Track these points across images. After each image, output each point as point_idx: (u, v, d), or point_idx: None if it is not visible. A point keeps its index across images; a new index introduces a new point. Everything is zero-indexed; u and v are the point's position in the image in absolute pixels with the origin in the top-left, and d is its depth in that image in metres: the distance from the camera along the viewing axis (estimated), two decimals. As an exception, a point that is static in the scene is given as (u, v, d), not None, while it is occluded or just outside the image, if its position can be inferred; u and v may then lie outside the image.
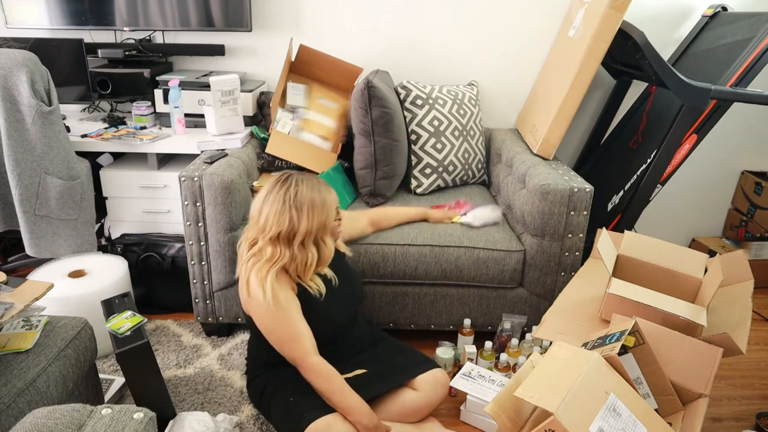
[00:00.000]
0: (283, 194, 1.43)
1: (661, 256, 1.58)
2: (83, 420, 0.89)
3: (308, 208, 1.43)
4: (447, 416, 1.71)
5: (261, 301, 1.42)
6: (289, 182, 1.45)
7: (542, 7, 2.40)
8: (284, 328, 1.45)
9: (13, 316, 1.22)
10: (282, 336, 1.46)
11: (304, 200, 1.43)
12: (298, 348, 1.44)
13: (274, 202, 1.43)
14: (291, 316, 1.45)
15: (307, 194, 1.43)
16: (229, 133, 2.18)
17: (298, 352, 1.44)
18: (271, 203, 1.43)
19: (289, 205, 1.42)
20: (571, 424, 0.98)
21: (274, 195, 1.43)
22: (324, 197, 1.46)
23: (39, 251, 1.86)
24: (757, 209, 2.60)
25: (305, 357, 1.44)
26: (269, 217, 1.42)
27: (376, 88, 1.94)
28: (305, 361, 1.44)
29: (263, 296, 1.41)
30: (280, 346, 1.47)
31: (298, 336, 1.44)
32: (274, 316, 1.44)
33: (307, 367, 1.44)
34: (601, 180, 2.35)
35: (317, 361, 1.44)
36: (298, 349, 1.44)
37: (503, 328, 1.89)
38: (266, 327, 1.47)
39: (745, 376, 1.96)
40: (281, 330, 1.45)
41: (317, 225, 1.45)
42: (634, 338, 1.22)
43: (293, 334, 1.44)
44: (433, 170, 2.20)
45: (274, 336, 1.47)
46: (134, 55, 2.35)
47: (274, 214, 1.42)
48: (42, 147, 1.77)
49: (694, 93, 1.88)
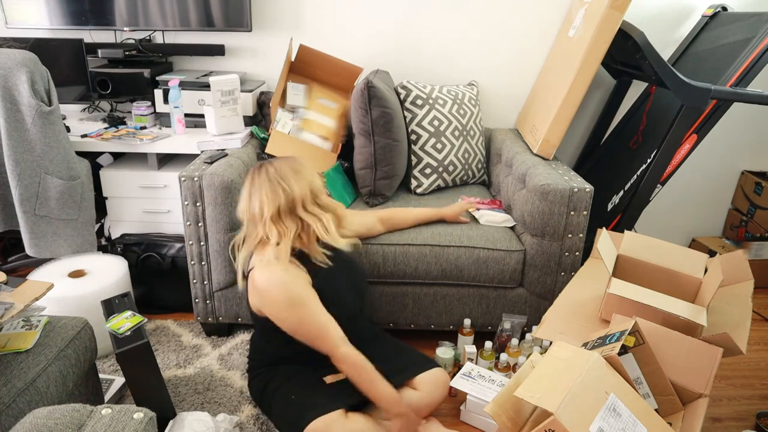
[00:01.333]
0: (264, 175, 1.47)
1: (661, 256, 1.58)
2: (83, 420, 0.89)
3: (293, 175, 1.48)
4: (447, 416, 1.71)
5: (280, 303, 1.42)
6: (263, 166, 1.50)
7: (542, 7, 2.40)
8: (309, 324, 1.44)
9: (13, 316, 1.22)
10: (309, 332, 1.45)
11: (285, 171, 1.48)
12: (327, 341, 1.44)
13: (260, 186, 1.46)
14: (313, 311, 1.44)
15: (284, 167, 1.49)
16: (229, 133, 2.18)
17: (327, 345, 1.44)
18: (257, 189, 1.47)
19: (275, 181, 1.46)
20: (571, 424, 0.98)
21: (257, 181, 1.47)
22: (300, 164, 1.52)
23: (39, 251, 1.86)
24: (757, 209, 2.60)
25: (336, 349, 1.44)
26: (262, 199, 1.45)
27: (376, 88, 1.94)
28: (336, 352, 1.44)
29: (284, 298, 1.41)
30: (310, 338, 1.46)
31: (323, 329, 1.44)
32: (294, 313, 1.43)
33: (340, 357, 1.44)
34: (601, 180, 2.35)
35: (348, 352, 1.44)
36: (328, 342, 1.44)
37: (503, 328, 1.89)
38: (290, 327, 1.46)
39: (745, 376, 1.96)
40: (307, 326, 1.44)
41: (308, 186, 1.49)
42: (634, 338, 1.22)
43: (319, 329, 1.44)
44: (433, 170, 2.20)
45: (300, 334, 1.46)
46: (134, 55, 2.35)
47: (266, 195, 1.45)
48: (42, 147, 1.77)
49: (694, 93, 1.88)
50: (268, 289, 1.43)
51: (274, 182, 1.46)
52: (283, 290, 1.41)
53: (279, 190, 1.45)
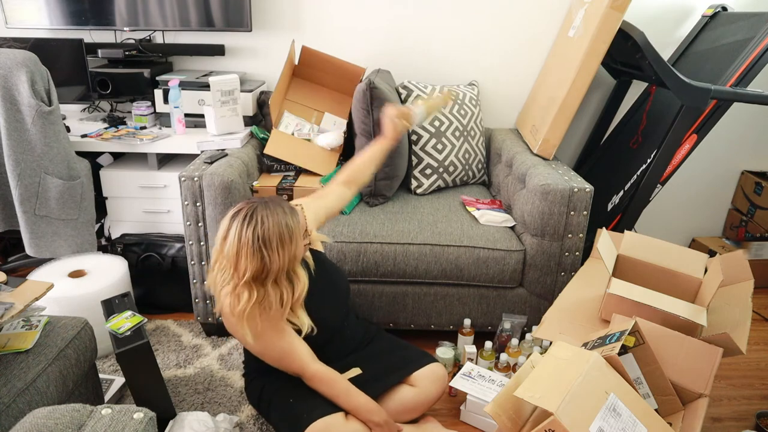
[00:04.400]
0: (251, 232, 1.31)
1: (661, 256, 1.58)
2: (83, 420, 0.89)
3: (277, 244, 1.32)
4: (447, 416, 1.71)
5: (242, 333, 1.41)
6: (254, 218, 1.32)
7: (542, 7, 2.40)
8: (274, 348, 1.44)
9: (13, 316, 1.22)
10: (275, 356, 1.46)
11: (273, 235, 1.31)
12: (294, 362, 1.44)
13: (245, 243, 1.31)
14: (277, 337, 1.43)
15: (274, 229, 1.32)
16: (229, 133, 2.18)
17: (296, 365, 1.45)
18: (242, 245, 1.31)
19: (259, 244, 1.30)
20: (571, 424, 0.98)
21: (242, 233, 1.31)
22: (291, 227, 1.35)
23: (39, 251, 1.86)
24: (757, 209, 2.60)
25: (305, 368, 1.44)
26: (241, 259, 1.32)
27: (378, 89, 1.94)
28: (306, 371, 1.44)
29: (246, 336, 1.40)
30: (278, 363, 1.47)
31: (290, 351, 1.44)
32: (259, 342, 1.43)
33: (309, 376, 1.44)
34: (601, 180, 2.35)
35: (318, 369, 1.44)
36: (296, 363, 1.44)
37: (503, 328, 1.89)
38: (257, 352, 1.47)
39: (745, 376, 1.96)
40: (272, 351, 1.45)
41: (288, 259, 1.36)
42: (634, 338, 1.22)
43: (285, 351, 1.44)
44: (433, 171, 2.20)
45: (267, 357, 1.47)
46: (134, 55, 2.35)
47: (245, 255, 1.32)
48: (42, 147, 1.77)
49: (694, 93, 1.88)
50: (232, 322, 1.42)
51: (257, 246, 1.30)
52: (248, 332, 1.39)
53: (258, 258, 1.31)
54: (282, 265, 1.35)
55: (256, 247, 1.30)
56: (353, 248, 1.84)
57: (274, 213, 1.34)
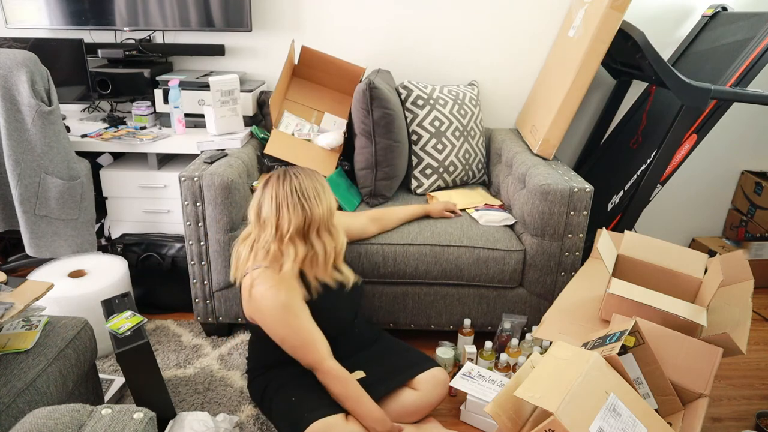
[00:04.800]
0: (288, 187, 1.40)
1: (661, 256, 1.58)
2: (83, 420, 0.89)
3: (314, 195, 1.41)
4: (447, 416, 1.71)
5: (272, 312, 1.42)
6: (287, 175, 1.42)
7: (542, 7, 2.40)
8: (297, 335, 1.44)
9: (13, 316, 1.22)
10: (296, 343, 1.45)
11: (309, 188, 1.41)
12: (313, 353, 1.44)
13: (283, 198, 1.39)
14: (303, 323, 1.44)
15: (308, 183, 1.42)
16: (229, 133, 2.18)
17: (313, 357, 1.45)
18: (279, 199, 1.39)
19: (298, 197, 1.39)
20: (571, 424, 0.98)
21: (280, 192, 1.40)
22: (322, 182, 1.46)
23: (39, 251, 1.86)
24: (757, 209, 2.60)
25: (321, 362, 1.44)
26: (282, 213, 1.38)
27: (378, 89, 1.94)
28: (321, 365, 1.44)
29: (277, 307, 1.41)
30: (295, 352, 1.46)
31: (311, 342, 1.44)
32: (285, 325, 1.43)
33: (324, 371, 1.44)
34: (601, 180, 2.35)
35: (333, 366, 1.44)
36: (314, 354, 1.44)
37: (503, 328, 1.89)
38: (279, 336, 1.46)
39: (745, 376, 1.96)
40: (295, 338, 1.45)
41: (327, 209, 1.44)
42: (634, 338, 1.22)
43: (307, 341, 1.44)
44: (433, 171, 2.20)
45: (287, 344, 1.46)
46: (134, 55, 2.35)
47: (287, 210, 1.38)
48: (42, 147, 1.77)
49: (694, 93, 1.88)
50: (262, 298, 1.43)
51: (296, 198, 1.39)
52: (276, 301, 1.41)
53: (299, 209, 1.39)
54: (322, 215, 1.41)
55: (296, 199, 1.38)
56: (354, 249, 1.84)
57: (303, 171, 1.45)
